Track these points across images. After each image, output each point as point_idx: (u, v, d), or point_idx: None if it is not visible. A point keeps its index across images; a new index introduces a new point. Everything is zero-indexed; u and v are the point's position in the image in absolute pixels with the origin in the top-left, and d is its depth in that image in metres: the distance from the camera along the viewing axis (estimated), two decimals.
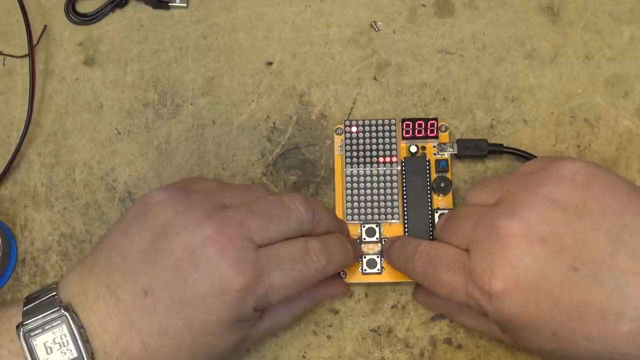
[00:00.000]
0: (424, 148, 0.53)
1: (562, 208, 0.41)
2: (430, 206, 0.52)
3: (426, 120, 0.53)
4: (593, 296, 0.40)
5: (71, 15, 0.58)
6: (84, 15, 0.58)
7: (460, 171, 0.54)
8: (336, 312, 0.52)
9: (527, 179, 0.44)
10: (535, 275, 0.41)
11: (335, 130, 0.54)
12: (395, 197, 0.52)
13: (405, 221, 0.52)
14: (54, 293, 0.43)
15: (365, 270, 0.51)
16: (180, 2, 0.58)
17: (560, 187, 0.42)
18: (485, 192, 0.46)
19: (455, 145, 0.53)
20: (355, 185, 0.53)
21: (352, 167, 0.53)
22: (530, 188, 0.43)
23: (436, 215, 0.52)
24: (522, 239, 0.41)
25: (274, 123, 0.56)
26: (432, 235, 0.51)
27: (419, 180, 0.53)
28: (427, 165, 0.53)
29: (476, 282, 0.42)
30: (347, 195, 0.53)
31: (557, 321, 0.41)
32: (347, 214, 0.52)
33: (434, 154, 0.53)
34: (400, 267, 0.49)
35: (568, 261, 0.40)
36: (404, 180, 0.53)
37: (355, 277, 0.51)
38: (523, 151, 0.53)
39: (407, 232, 0.52)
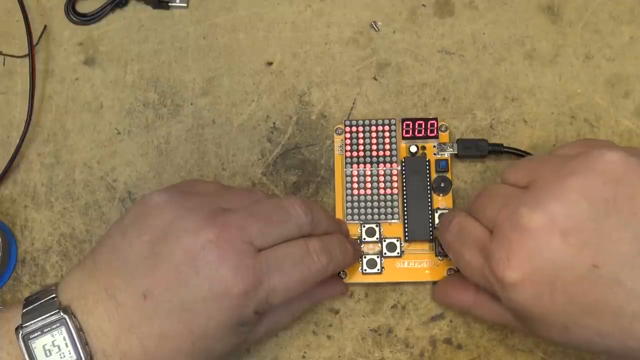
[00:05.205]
0: (424, 148, 0.53)
1: (591, 202, 0.40)
2: (430, 206, 0.52)
3: (426, 120, 0.53)
4: (610, 295, 0.39)
5: (71, 15, 0.58)
6: (84, 15, 0.58)
7: (460, 171, 0.54)
8: (336, 312, 0.52)
9: (561, 164, 0.42)
10: (552, 269, 0.40)
11: (335, 130, 0.54)
12: (395, 197, 0.52)
13: (405, 221, 0.52)
14: (53, 295, 0.42)
15: (365, 270, 0.51)
16: (180, 2, 0.58)
17: (593, 179, 0.40)
18: (519, 173, 0.45)
19: (455, 145, 0.53)
20: (355, 185, 0.53)
21: (352, 167, 0.53)
22: (561, 176, 0.41)
23: (436, 215, 0.52)
24: (543, 231, 0.40)
25: (274, 123, 0.56)
26: (432, 235, 0.51)
27: (419, 180, 0.52)
28: (427, 165, 0.53)
29: (492, 267, 0.41)
30: (347, 195, 0.53)
31: (570, 316, 0.40)
32: (347, 214, 0.52)
33: (434, 154, 0.53)
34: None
35: (589, 258, 0.39)
36: (404, 180, 0.52)
37: (355, 277, 0.52)
38: (523, 151, 0.53)
39: (407, 232, 0.52)
